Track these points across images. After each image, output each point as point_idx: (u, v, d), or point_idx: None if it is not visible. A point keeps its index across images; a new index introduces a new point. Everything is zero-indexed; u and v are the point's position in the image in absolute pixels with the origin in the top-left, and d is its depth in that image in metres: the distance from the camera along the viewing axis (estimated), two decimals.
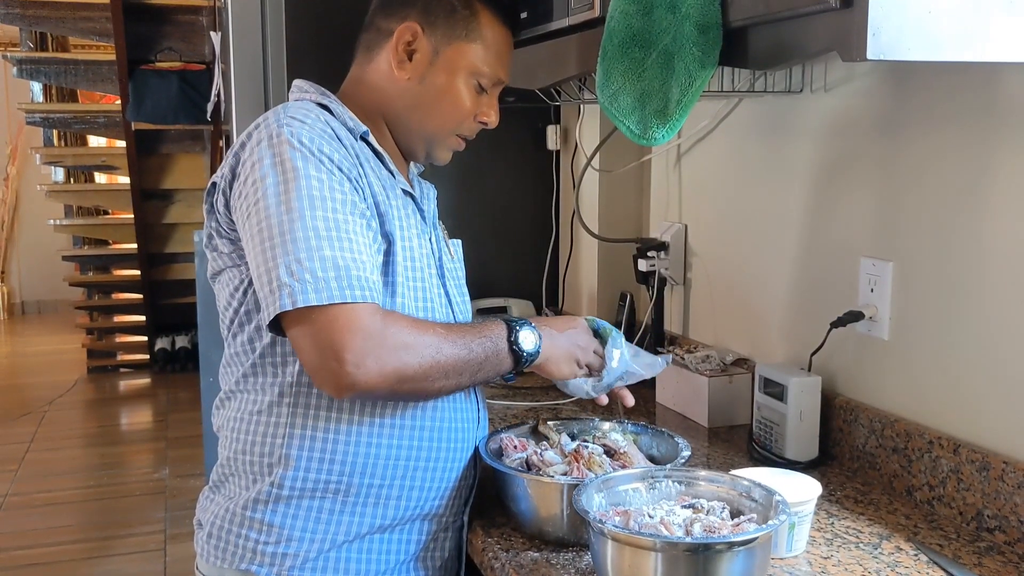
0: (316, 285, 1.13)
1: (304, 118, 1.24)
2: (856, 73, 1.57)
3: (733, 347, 1.92)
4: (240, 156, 1.26)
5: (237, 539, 1.29)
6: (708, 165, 2.03)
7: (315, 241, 1.15)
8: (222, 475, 1.34)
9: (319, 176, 1.19)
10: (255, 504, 1.27)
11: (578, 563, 1.21)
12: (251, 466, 1.29)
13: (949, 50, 1.02)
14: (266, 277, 1.16)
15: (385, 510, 1.30)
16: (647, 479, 1.21)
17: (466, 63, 1.35)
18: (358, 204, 1.22)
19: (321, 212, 1.17)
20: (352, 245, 1.17)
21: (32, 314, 8.60)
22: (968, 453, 1.34)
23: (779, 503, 1.10)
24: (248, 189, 1.21)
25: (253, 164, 1.22)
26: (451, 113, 1.37)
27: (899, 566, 1.21)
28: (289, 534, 1.27)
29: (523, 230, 2.50)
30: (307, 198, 1.17)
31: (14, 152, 8.28)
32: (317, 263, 1.14)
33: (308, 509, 1.27)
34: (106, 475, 4.51)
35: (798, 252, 1.74)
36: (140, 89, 5.30)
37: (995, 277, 1.32)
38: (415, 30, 1.34)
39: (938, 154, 1.41)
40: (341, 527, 1.28)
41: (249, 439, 1.29)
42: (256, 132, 1.25)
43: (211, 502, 1.35)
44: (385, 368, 1.15)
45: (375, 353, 1.14)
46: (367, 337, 1.14)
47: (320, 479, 1.26)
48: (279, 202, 1.17)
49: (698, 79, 1.29)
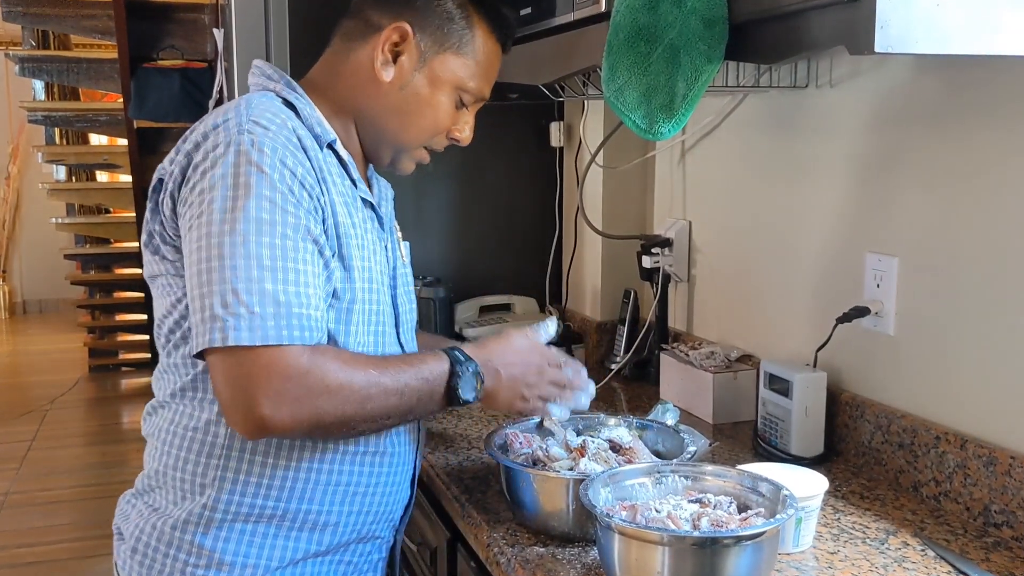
0: (251, 323, 1.06)
1: (269, 123, 1.14)
2: (861, 68, 1.56)
3: (738, 343, 1.92)
4: (192, 158, 1.15)
5: (165, 559, 1.22)
6: (713, 161, 2.02)
7: (256, 271, 1.08)
8: (148, 485, 1.27)
9: (272, 196, 1.10)
10: (185, 525, 1.21)
11: (584, 558, 1.21)
12: (181, 483, 1.22)
13: (957, 43, 1.02)
14: (199, 303, 1.09)
15: (322, 535, 1.26)
16: (654, 474, 1.21)
17: (452, 76, 1.28)
18: (312, 229, 1.13)
19: (268, 238, 1.09)
20: (299, 277, 1.10)
21: (34, 313, 8.60)
22: (975, 448, 1.33)
23: (786, 497, 1.10)
24: (195, 198, 1.12)
25: (204, 172, 1.12)
26: (427, 125, 1.29)
27: (906, 561, 1.21)
28: (221, 558, 1.21)
29: (527, 227, 2.50)
30: (255, 220, 1.09)
31: (16, 150, 8.29)
32: (256, 297, 1.07)
33: (242, 533, 1.21)
34: (107, 473, 4.51)
35: (803, 247, 1.73)
36: (142, 87, 5.28)
37: (1001, 271, 1.32)
38: (405, 31, 1.25)
39: (944, 148, 1.41)
40: (276, 552, 1.23)
41: (182, 455, 1.22)
42: (214, 135, 1.14)
43: (133, 508, 1.28)
44: (299, 415, 1.09)
45: (292, 397, 1.08)
46: (286, 380, 1.08)
47: (256, 503, 1.21)
48: (223, 220, 1.09)
49: (704, 73, 1.29)
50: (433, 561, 1.60)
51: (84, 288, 6.73)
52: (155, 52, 5.43)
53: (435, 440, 1.67)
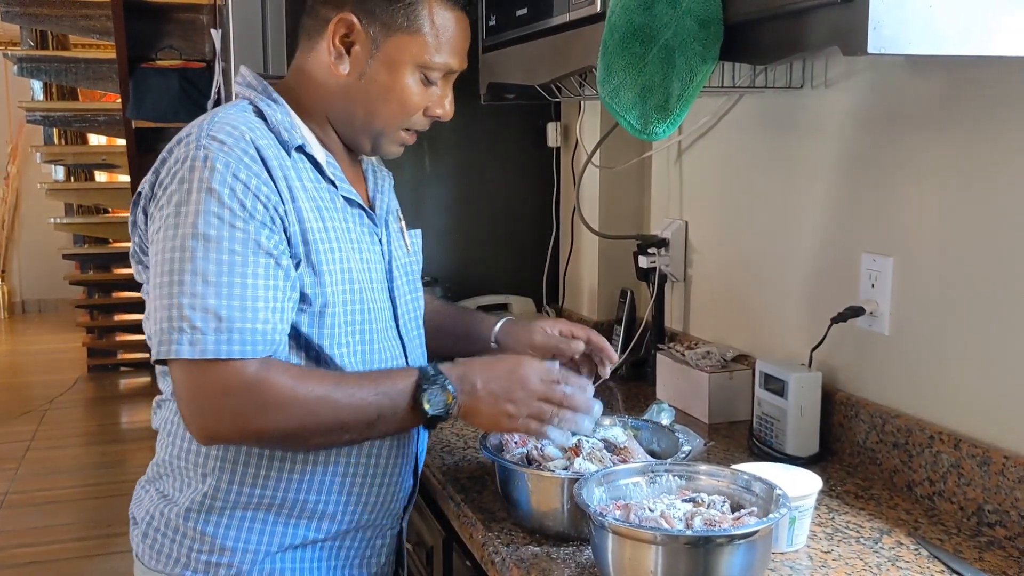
0: (192, 338, 1.09)
1: (227, 137, 1.15)
2: (857, 68, 1.57)
3: (734, 343, 1.92)
4: (159, 173, 1.19)
5: (172, 543, 1.27)
6: (709, 162, 2.03)
7: (201, 287, 1.10)
8: (158, 473, 1.32)
9: (220, 213, 1.12)
10: (188, 512, 1.26)
11: (578, 557, 1.21)
12: (185, 472, 1.27)
13: (951, 44, 1.02)
14: (155, 315, 1.13)
15: (320, 524, 1.28)
16: (648, 473, 1.21)
17: (408, 56, 1.24)
18: (263, 243, 1.14)
19: (215, 255, 1.11)
20: (244, 291, 1.12)
21: (32, 313, 8.61)
22: (969, 448, 1.34)
23: (779, 497, 1.10)
24: (157, 213, 1.16)
25: (164, 187, 1.16)
26: (396, 109, 1.27)
27: (900, 560, 1.21)
28: (222, 544, 1.25)
29: (524, 227, 2.51)
30: (202, 237, 1.11)
31: (14, 151, 8.29)
32: (198, 313, 1.10)
33: (242, 519, 1.25)
34: (106, 473, 4.52)
35: (799, 248, 1.73)
36: (140, 87, 5.29)
37: (995, 271, 1.32)
38: (350, 22, 1.23)
39: (939, 149, 1.41)
40: (275, 538, 1.26)
41: (185, 446, 1.26)
42: (177, 149, 1.17)
43: (146, 495, 1.33)
44: (242, 428, 1.14)
45: (233, 412, 1.12)
46: (225, 395, 1.11)
47: (255, 492, 1.24)
48: (174, 236, 1.13)
49: (699, 74, 1.29)
50: (429, 561, 1.61)
51: (83, 288, 6.74)
52: (153, 52, 5.43)
53: (431, 440, 1.67)
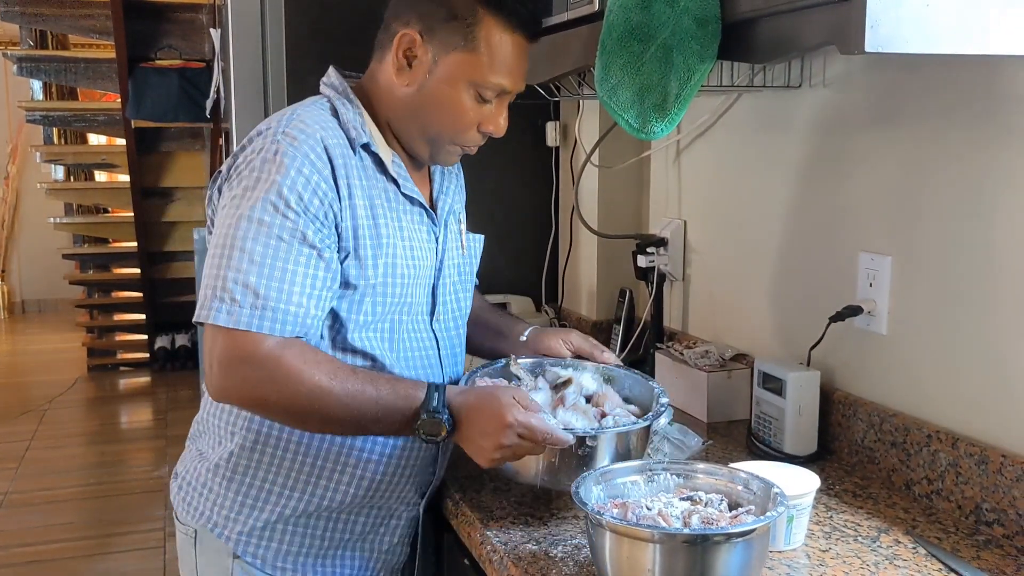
0: (230, 308, 1.21)
1: (300, 133, 1.26)
2: (854, 67, 1.57)
3: (732, 342, 1.92)
4: (237, 158, 1.30)
5: (199, 498, 1.39)
6: (707, 161, 2.03)
7: (246, 265, 1.22)
8: (197, 431, 1.45)
9: (276, 202, 1.23)
10: (215, 470, 1.37)
11: (576, 556, 1.21)
12: (216, 429, 1.38)
13: (948, 43, 1.03)
14: (204, 282, 1.24)
15: (334, 494, 1.36)
16: (645, 472, 1.21)
17: (464, 74, 1.31)
18: (309, 236, 1.24)
19: (264, 238, 1.22)
20: (284, 276, 1.22)
21: (32, 312, 8.60)
22: (966, 447, 1.34)
23: (777, 495, 1.10)
24: (227, 193, 1.29)
25: (238, 171, 1.28)
26: (450, 123, 1.35)
27: (897, 559, 1.21)
28: (242, 501, 1.35)
29: (523, 226, 2.51)
30: (256, 221, 1.23)
31: (14, 150, 8.28)
32: (239, 287, 1.21)
33: (263, 481, 1.35)
34: (106, 473, 4.51)
35: (797, 247, 1.74)
36: (140, 87, 5.29)
37: (994, 271, 1.33)
38: (413, 37, 1.31)
39: (937, 148, 1.41)
40: (291, 502, 1.35)
41: (218, 406, 1.38)
42: (257, 139, 1.29)
43: (188, 452, 1.46)
44: (246, 393, 1.23)
45: (242, 377, 1.22)
46: (242, 361, 1.21)
47: (276, 454, 1.34)
48: (234, 215, 1.24)
49: (697, 73, 1.29)
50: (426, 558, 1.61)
51: (83, 288, 6.73)
52: (153, 52, 5.43)
53: None
